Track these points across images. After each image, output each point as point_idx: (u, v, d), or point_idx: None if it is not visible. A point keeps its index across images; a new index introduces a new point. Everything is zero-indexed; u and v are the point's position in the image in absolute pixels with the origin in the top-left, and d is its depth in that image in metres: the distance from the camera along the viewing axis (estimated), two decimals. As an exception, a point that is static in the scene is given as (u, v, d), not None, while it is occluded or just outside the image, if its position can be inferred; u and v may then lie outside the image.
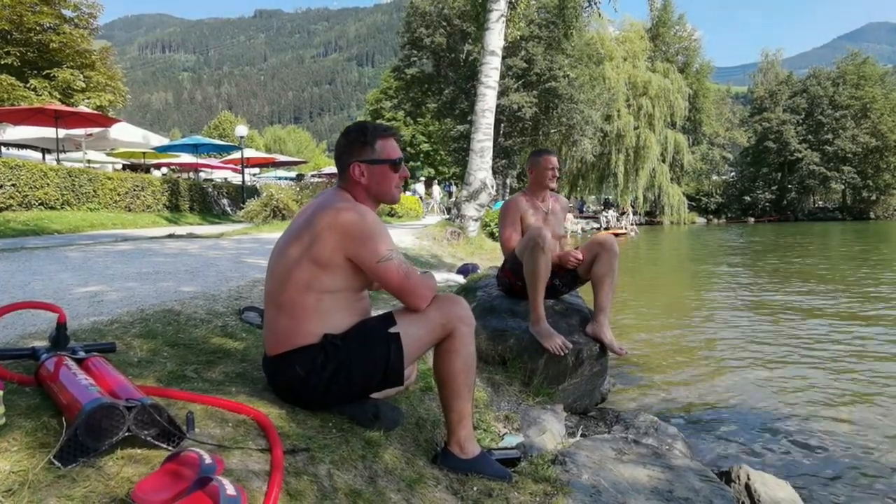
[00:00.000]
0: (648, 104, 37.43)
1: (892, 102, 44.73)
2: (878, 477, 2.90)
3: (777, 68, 53.92)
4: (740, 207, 46.55)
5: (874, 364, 4.90)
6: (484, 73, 11.02)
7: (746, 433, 3.49)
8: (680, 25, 44.08)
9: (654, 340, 6.00)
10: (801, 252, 17.40)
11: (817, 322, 6.73)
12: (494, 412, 2.62)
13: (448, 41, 27.87)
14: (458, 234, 10.60)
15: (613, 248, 3.02)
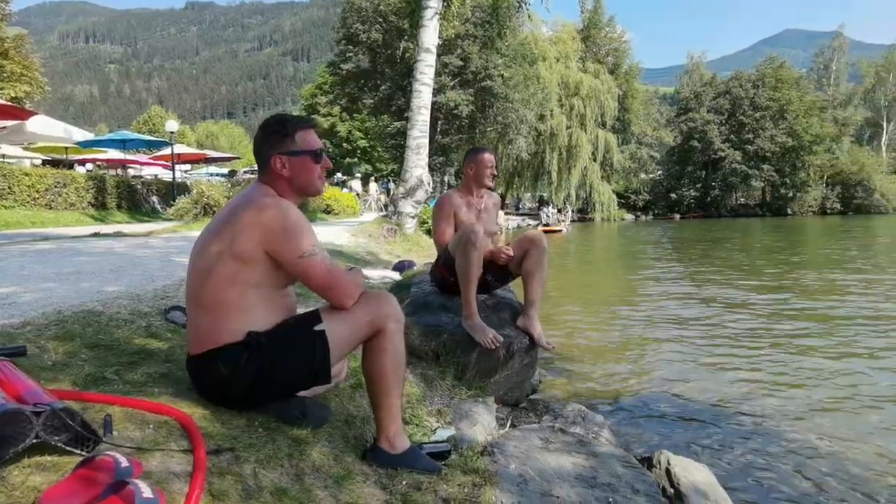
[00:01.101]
0: (580, 104, 38.45)
1: (807, 104, 47.64)
2: (792, 456, 3.10)
3: (702, 70, 56.42)
4: (667, 204, 48.48)
5: (793, 353, 5.19)
6: (419, 71, 11.03)
7: (670, 420, 3.65)
8: (610, 27, 45.46)
9: (585, 332, 6.18)
10: (724, 247, 18.32)
11: (740, 314, 7.07)
12: (427, 407, 2.64)
13: (384, 37, 27.71)
14: (395, 231, 10.58)
15: (542, 244, 3.11)
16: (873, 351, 5.21)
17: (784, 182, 46.96)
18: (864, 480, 2.78)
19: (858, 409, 3.77)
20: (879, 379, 4.39)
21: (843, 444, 3.22)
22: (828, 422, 3.55)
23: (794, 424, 3.51)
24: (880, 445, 3.17)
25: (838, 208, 47.72)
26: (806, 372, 4.57)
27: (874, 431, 3.40)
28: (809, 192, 47.81)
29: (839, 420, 3.58)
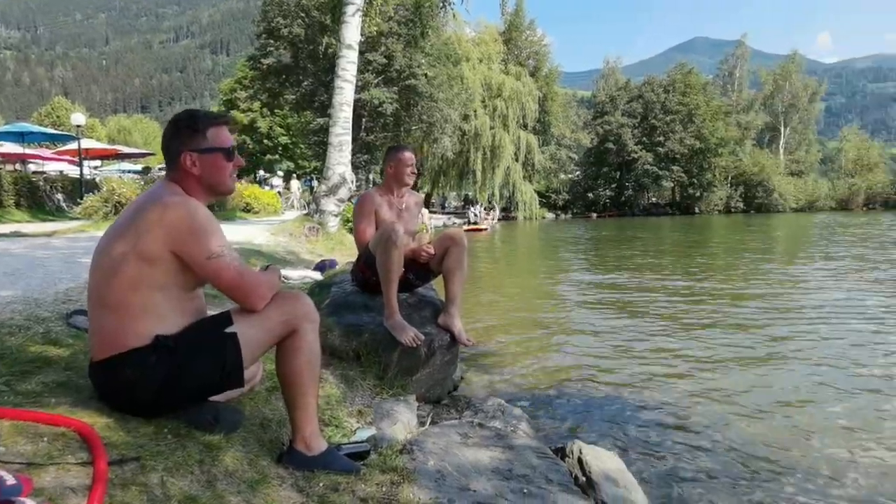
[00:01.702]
0: (503, 105, 39.18)
1: (713, 109, 50.67)
2: (697, 439, 3.27)
3: (617, 75, 58.82)
4: (585, 204, 50.27)
5: (702, 341, 5.49)
6: (341, 67, 10.89)
7: (587, 409, 3.78)
8: (531, 30, 46.55)
9: (507, 327, 6.30)
10: (637, 245, 19.19)
11: (652, 306, 7.41)
12: (348, 408, 2.62)
13: (307, 32, 27.17)
14: (317, 229, 10.40)
15: (463, 242, 3.15)
16: (774, 337, 5.60)
17: (692, 182, 49.73)
18: (763, 457, 2.99)
19: (759, 392, 4.02)
20: (778, 364, 4.75)
21: (745, 424, 3.44)
22: (731, 405, 3.76)
23: (701, 409, 3.70)
24: (778, 425, 3.43)
25: (741, 207, 51.01)
26: (712, 359, 4.85)
27: (772, 412, 3.65)
28: (715, 192, 50.84)
29: (741, 402, 3.81)
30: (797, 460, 2.95)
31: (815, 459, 2.98)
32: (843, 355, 4.93)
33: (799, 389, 4.09)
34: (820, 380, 4.32)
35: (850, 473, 2.85)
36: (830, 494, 2.63)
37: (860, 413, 3.59)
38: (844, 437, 3.25)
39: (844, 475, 2.82)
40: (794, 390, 4.07)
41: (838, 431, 3.34)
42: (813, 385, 4.20)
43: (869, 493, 2.66)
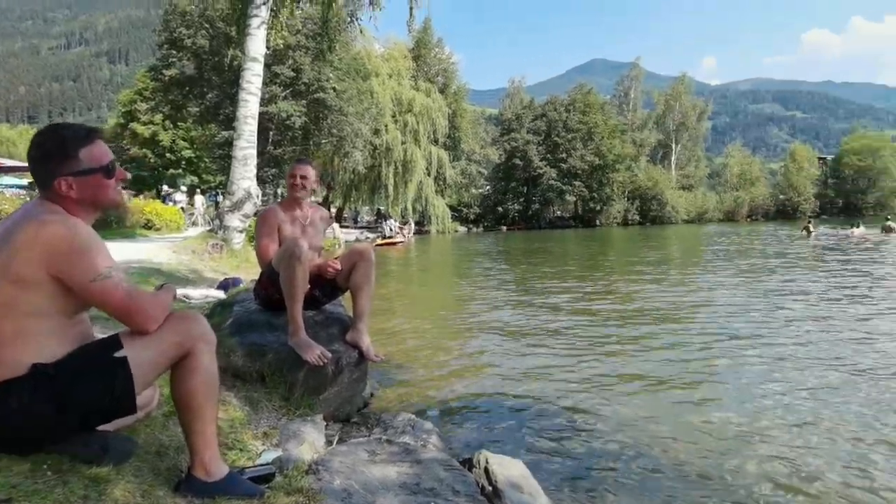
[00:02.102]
0: (413, 121, 39.52)
1: (610, 128, 53.52)
2: (600, 443, 3.41)
3: (522, 94, 60.94)
4: (495, 217, 51.52)
5: (606, 351, 5.68)
6: (246, 80, 10.62)
7: (496, 418, 3.85)
8: (439, 48, 47.39)
9: (419, 341, 6.30)
10: (545, 256, 19.84)
11: (559, 316, 7.65)
12: (252, 430, 2.55)
13: (211, 44, 26.22)
14: (221, 246, 10.01)
15: (370, 257, 3.14)
16: (672, 344, 5.93)
17: (593, 196, 52.20)
18: (665, 460, 3.15)
19: (660, 397, 4.24)
20: (675, 369, 5.04)
21: (647, 430, 3.61)
22: (633, 411, 3.95)
23: (605, 416, 3.86)
24: (678, 429, 3.62)
25: (638, 219, 54.03)
26: (616, 368, 5.06)
27: (672, 416, 3.86)
28: (614, 206, 53.58)
29: (644, 408, 4.00)
30: (696, 461, 3.13)
31: (713, 460, 3.17)
32: (737, 357, 5.31)
33: (697, 393, 4.34)
34: (716, 383, 4.63)
35: (747, 472, 3.07)
36: (729, 494, 2.82)
37: (753, 414, 3.85)
38: (740, 439, 3.47)
39: (740, 476, 3.02)
40: (693, 395, 4.31)
41: (734, 433, 3.56)
42: (710, 388, 4.49)
43: (767, 491, 2.88)
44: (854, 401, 4.02)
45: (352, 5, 12.44)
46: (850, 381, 4.47)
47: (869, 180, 57.91)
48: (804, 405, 3.97)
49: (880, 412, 3.78)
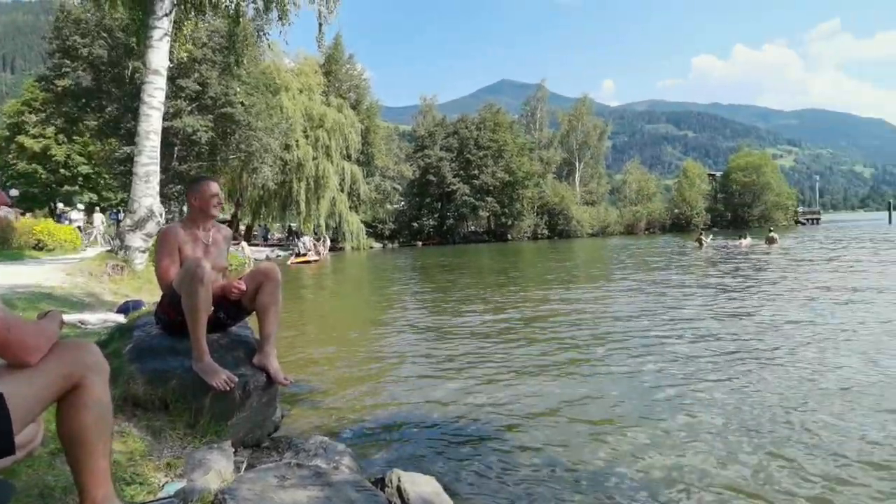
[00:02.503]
0: (325, 136, 39.03)
1: (519, 146, 55.17)
2: (510, 457, 3.49)
3: (434, 112, 61.75)
4: (410, 233, 51.63)
5: (519, 363, 5.81)
6: (147, 93, 10.14)
7: (411, 436, 3.87)
8: (350, 65, 47.17)
9: (333, 360, 6.25)
10: (459, 271, 20.09)
11: (472, 331, 7.77)
12: (154, 461, 2.43)
13: (110, 54, 24.73)
14: (122, 267, 9.44)
15: (276, 277, 3.08)
16: (578, 353, 6.18)
17: (504, 212, 53.51)
18: (571, 469, 3.28)
19: (570, 408, 4.37)
20: (582, 378, 5.25)
21: (557, 439, 3.72)
22: (545, 423, 4.06)
23: (517, 428, 3.96)
24: (589, 440, 3.77)
25: (546, 234, 55.92)
26: (527, 381, 5.18)
27: (583, 427, 4.00)
28: (524, 221, 55.18)
29: (554, 420, 4.12)
30: (605, 469, 3.27)
31: (621, 466, 3.33)
32: (640, 361, 5.61)
33: (604, 401, 4.52)
34: (617, 386, 4.88)
35: (652, 475, 3.25)
36: (639, 496, 2.97)
37: (658, 424, 4.05)
38: (643, 442, 3.67)
39: (646, 479, 3.20)
40: (599, 403, 4.48)
41: (638, 436, 3.76)
42: (612, 393, 4.71)
43: (672, 493, 3.05)
44: (748, 393, 4.37)
45: (260, 19, 12.18)
46: (744, 374, 4.85)
47: (753, 195, 62.96)
48: (701, 406, 4.26)
49: (780, 406, 4.12)
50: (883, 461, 3.18)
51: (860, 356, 5.42)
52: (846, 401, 4.20)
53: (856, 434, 3.57)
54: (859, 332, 6.50)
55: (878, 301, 8.61)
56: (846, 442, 3.45)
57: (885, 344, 5.88)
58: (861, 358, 5.35)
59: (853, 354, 5.50)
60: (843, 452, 3.30)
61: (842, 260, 16.53)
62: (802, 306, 8.58)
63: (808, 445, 3.43)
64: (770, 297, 9.71)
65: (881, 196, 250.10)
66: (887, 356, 5.38)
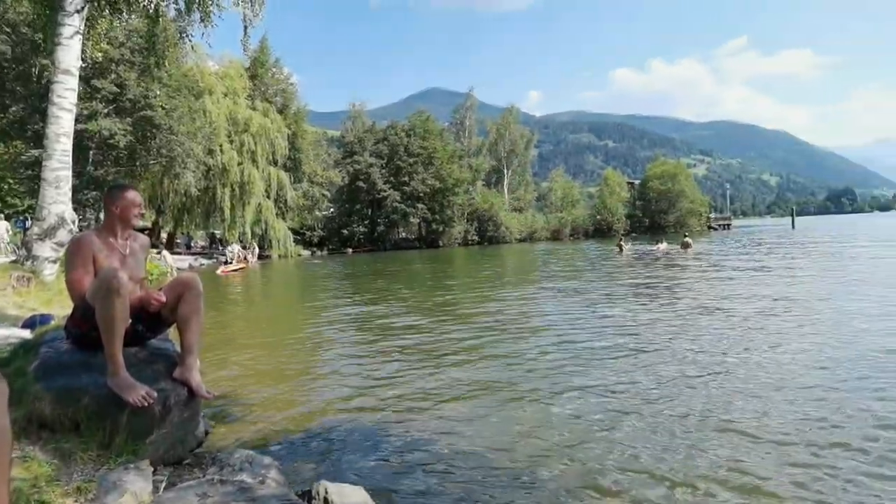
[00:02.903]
0: (251, 141, 38.00)
1: (449, 153, 55.61)
2: (439, 459, 3.53)
3: (363, 118, 61.33)
4: (340, 240, 50.94)
5: (448, 371, 5.82)
6: (57, 94, 9.53)
7: (340, 447, 3.82)
8: (277, 68, 46.15)
9: (261, 371, 6.10)
10: (390, 278, 20.00)
11: (404, 339, 7.74)
12: (63, 486, 2.29)
13: (14, 51, 23.08)
14: (29, 279, 8.81)
15: (198, 287, 2.98)
16: (508, 356, 6.27)
17: (435, 218, 53.77)
18: (504, 473, 3.33)
19: (498, 416, 4.42)
20: (511, 381, 5.34)
21: (485, 446, 3.77)
22: (473, 429, 4.11)
23: (447, 436, 3.97)
24: (518, 444, 3.84)
25: (476, 240, 56.60)
26: (457, 386, 5.24)
27: (509, 428, 4.09)
28: (455, 227, 55.63)
29: (483, 427, 4.17)
30: (535, 468, 3.35)
31: (548, 465, 3.43)
32: (566, 362, 5.78)
33: (531, 406, 4.64)
34: (543, 389, 5.00)
35: (585, 473, 3.36)
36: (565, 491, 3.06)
37: (573, 429, 4.20)
38: (570, 442, 3.78)
39: (576, 478, 3.31)
40: (530, 408, 4.58)
41: (564, 436, 3.88)
42: (538, 394, 4.83)
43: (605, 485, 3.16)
44: (660, 389, 4.60)
45: (181, 20, 11.72)
46: (657, 366, 5.09)
47: (669, 202, 66.19)
48: (616, 402, 4.45)
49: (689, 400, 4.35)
50: (777, 438, 3.43)
51: (759, 346, 5.83)
52: (745, 380, 4.51)
53: (753, 413, 3.83)
54: (760, 326, 6.99)
55: (779, 296, 9.27)
56: (742, 422, 3.71)
57: (784, 335, 6.34)
58: (758, 348, 5.75)
59: (751, 346, 5.91)
60: (742, 430, 3.55)
61: (750, 262, 17.67)
62: (710, 305, 9.12)
63: (711, 429, 3.66)
64: (682, 298, 10.26)
65: (786, 203, 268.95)
66: (783, 345, 5.82)
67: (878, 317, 7.45)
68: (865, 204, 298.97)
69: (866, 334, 6.48)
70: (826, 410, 4.10)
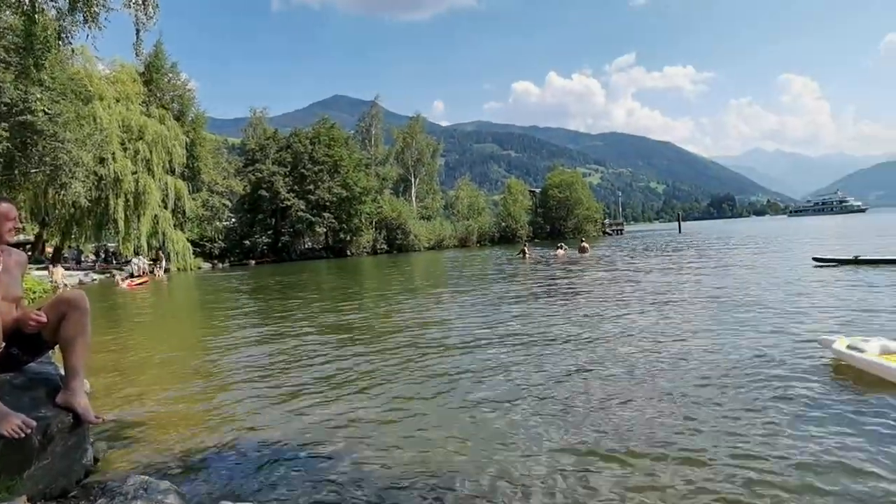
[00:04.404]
0: (146, 149, 35.90)
1: (355, 161, 55.08)
2: (346, 477, 3.49)
3: (265, 125, 59.63)
4: (242, 251, 49.02)
5: (355, 386, 5.71)
6: None
7: (240, 469, 3.70)
8: (174, 73, 43.91)
9: (158, 392, 5.78)
10: (296, 289, 19.50)
11: (308, 352, 7.59)
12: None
13: None
14: None
15: (82, 305, 2.79)
16: (413, 365, 6.31)
17: (342, 227, 53.07)
18: (405, 490, 3.35)
19: (397, 425, 4.44)
20: (417, 400, 5.35)
21: (389, 458, 3.77)
22: (375, 441, 4.10)
23: (351, 454, 3.89)
24: (412, 453, 3.88)
25: (385, 248, 56.43)
26: (362, 400, 5.19)
27: (410, 438, 4.12)
28: (363, 236, 55.19)
29: (385, 439, 4.14)
30: (445, 484, 3.36)
31: (452, 468, 3.50)
32: (459, 379, 5.87)
33: (432, 417, 4.68)
34: (453, 396, 5.08)
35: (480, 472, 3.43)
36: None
37: (474, 432, 4.30)
38: (473, 447, 3.88)
39: (479, 475, 3.37)
40: (435, 416, 4.62)
41: (469, 442, 3.96)
42: (453, 402, 4.91)
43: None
44: (560, 383, 4.81)
45: (63, 20, 10.85)
46: (554, 364, 5.30)
47: (567, 209, 69.35)
48: (515, 409, 4.61)
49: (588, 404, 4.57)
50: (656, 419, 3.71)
51: (644, 340, 6.23)
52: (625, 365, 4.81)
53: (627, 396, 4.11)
54: (650, 322, 7.48)
55: (662, 290, 9.95)
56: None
57: (664, 328, 6.81)
58: (647, 338, 6.16)
59: (641, 337, 6.31)
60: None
61: (640, 263, 18.82)
62: (601, 303, 9.65)
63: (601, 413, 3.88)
64: (577, 297, 10.79)
65: (672, 209, 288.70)
66: (665, 339, 6.26)
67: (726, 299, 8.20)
68: (744, 209, 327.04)
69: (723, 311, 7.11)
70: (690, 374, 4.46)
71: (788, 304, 8.75)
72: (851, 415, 4.01)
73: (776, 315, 7.89)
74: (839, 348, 5.27)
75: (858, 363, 5.01)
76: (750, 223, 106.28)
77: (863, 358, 4.99)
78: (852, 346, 5.16)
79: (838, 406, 4.21)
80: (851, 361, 5.09)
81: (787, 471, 3.20)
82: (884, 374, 4.73)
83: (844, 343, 5.29)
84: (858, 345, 5.13)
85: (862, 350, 5.06)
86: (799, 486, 3.03)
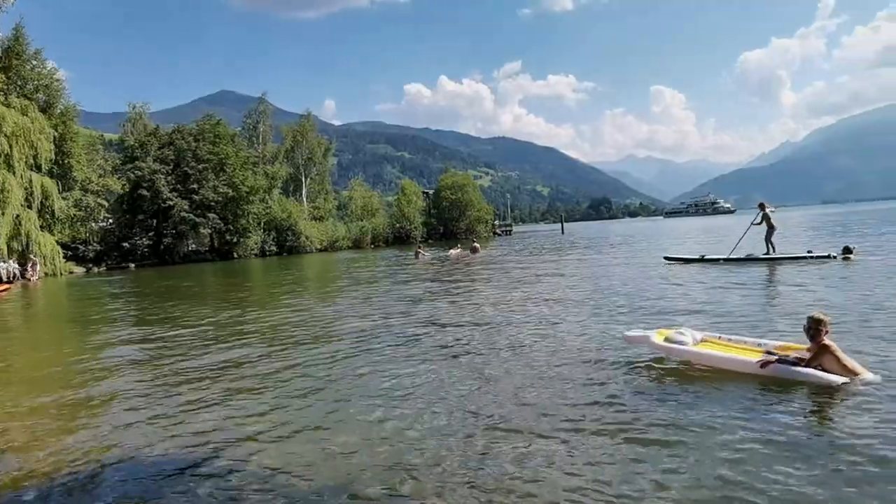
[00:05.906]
0: (6, 143, 33.07)
1: (242, 159, 53.38)
2: (245, 482, 3.64)
3: (145, 120, 56.42)
4: (121, 254, 46.21)
5: (242, 392, 5.73)
6: None
7: (108, 487, 3.70)
8: (38, 61, 40.60)
9: (19, 410, 5.58)
10: (178, 294, 19.11)
11: (192, 359, 7.57)
12: None
13: None
14: None
15: None
16: (306, 367, 6.63)
17: (229, 229, 51.34)
18: (301, 491, 3.50)
19: (276, 419, 4.66)
20: (312, 403, 5.25)
21: (267, 453, 3.97)
22: (258, 440, 4.27)
23: (241, 460, 3.96)
24: (306, 452, 4.07)
25: (275, 250, 55.28)
26: (250, 404, 5.29)
27: (303, 440, 4.30)
28: (251, 237, 53.66)
29: (266, 434, 4.35)
30: (347, 488, 3.51)
31: (351, 468, 3.78)
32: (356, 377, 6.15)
33: (331, 417, 4.83)
34: (349, 397, 5.61)
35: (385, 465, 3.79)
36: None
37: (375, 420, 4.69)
38: (372, 442, 4.16)
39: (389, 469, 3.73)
40: (333, 424, 4.67)
41: (373, 442, 4.19)
42: (345, 403, 5.23)
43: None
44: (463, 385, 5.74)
45: None
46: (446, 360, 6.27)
47: (460, 210, 71.55)
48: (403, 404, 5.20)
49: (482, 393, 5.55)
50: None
51: (528, 326, 7.46)
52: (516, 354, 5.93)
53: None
54: (535, 312, 8.75)
55: (552, 285, 11.38)
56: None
57: (551, 316, 8.10)
58: (527, 329, 7.37)
59: (516, 330, 7.52)
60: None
61: (527, 260, 20.47)
62: (487, 300, 10.88)
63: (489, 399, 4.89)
64: (467, 294, 11.96)
65: (556, 211, 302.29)
66: (550, 327, 7.52)
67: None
68: (619, 211, 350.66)
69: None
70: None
71: (632, 299, 10.38)
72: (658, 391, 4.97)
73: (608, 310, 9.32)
74: (657, 341, 5.71)
75: (675, 354, 5.64)
76: (626, 224, 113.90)
77: (678, 348, 5.59)
78: (669, 339, 5.68)
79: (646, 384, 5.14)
80: (669, 353, 5.69)
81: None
82: (698, 360, 5.45)
83: (662, 335, 5.78)
84: (675, 337, 5.68)
85: (678, 341, 5.61)
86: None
